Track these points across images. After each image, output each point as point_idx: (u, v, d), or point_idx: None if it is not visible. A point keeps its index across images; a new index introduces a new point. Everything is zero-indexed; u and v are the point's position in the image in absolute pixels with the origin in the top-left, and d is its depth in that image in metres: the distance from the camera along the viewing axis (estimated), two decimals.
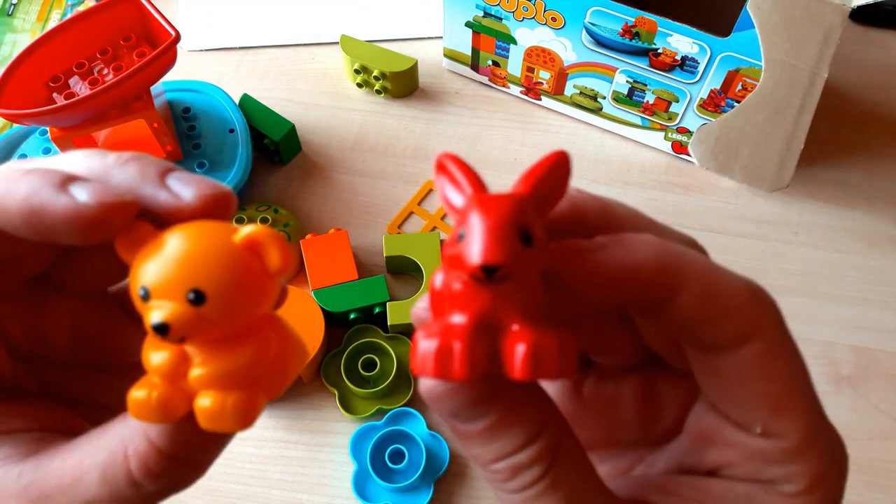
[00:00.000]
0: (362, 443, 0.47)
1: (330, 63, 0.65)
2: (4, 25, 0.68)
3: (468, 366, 0.15)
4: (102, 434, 0.18)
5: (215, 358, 0.16)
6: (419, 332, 0.16)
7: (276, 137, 0.56)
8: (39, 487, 0.17)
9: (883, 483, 0.47)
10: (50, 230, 0.16)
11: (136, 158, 0.17)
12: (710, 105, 0.54)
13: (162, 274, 0.15)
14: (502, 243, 0.14)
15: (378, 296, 0.50)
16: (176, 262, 0.15)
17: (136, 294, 0.15)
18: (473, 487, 0.46)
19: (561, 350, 0.15)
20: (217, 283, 0.15)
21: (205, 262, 0.15)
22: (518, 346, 0.15)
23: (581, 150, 0.60)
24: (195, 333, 0.15)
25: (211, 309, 0.15)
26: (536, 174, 0.16)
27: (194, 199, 0.17)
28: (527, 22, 0.56)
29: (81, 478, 0.17)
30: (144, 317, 0.15)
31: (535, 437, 0.17)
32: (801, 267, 0.55)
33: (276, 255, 0.15)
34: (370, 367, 0.49)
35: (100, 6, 0.49)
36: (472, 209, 0.15)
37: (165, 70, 0.49)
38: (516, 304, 0.15)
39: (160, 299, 0.15)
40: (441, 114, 0.62)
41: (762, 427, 0.17)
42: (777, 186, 0.55)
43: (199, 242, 0.15)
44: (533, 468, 0.17)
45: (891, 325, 0.52)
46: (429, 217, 0.57)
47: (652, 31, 0.51)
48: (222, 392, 0.16)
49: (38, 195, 0.16)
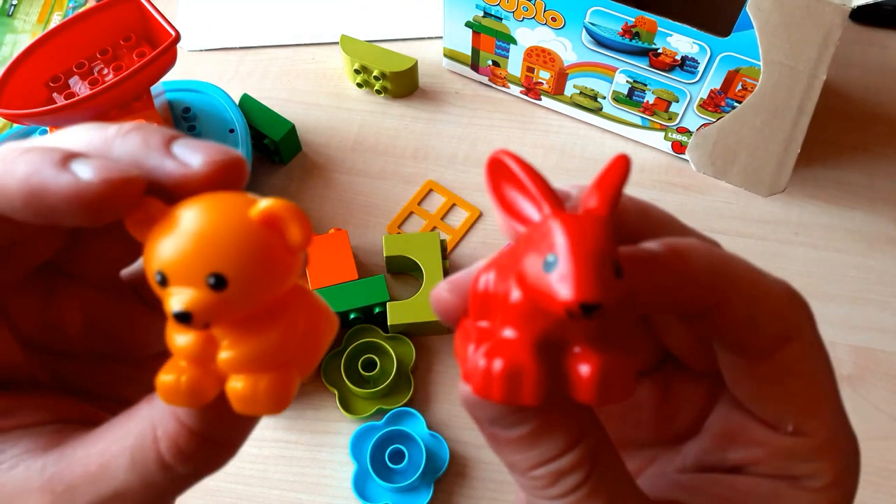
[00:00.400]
0: (362, 443, 0.47)
1: (330, 63, 0.65)
2: (5, 26, 0.68)
3: (540, 391, 0.14)
4: (128, 419, 0.17)
5: (244, 340, 0.15)
6: (470, 346, 0.15)
7: (276, 137, 0.56)
8: (64, 478, 0.17)
9: (883, 483, 0.47)
10: (53, 211, 0.15)
11: (138, 128, 0.16)
12: (710, 105, 0.54)
13: (179, 257, 0.14)
14: (602, 280, 0.13)
15: (378, 296, 0.50)
16: (193, 244, 0.14)
17: (153, 278, 0.15)
18: (473, 487, 0.46)
19: (628, 373, 0.15)
20: (238, 265, 0.14)
21: (224, 243, 0.14)
22: (585, 369, 0.15)
23: (581, 150, 0.60)
24: (219, 319, 0.14)
25: (233, 293, 0.14)
26: (612, 189, 0.15)
27: (203, 166, 0.16)
28: (527, 22, 0.56)
29: (108, 464, 0.16)
30: (164, 302, 0.15)
31: (576, 443, 0.16)
32: (801, 267, 0.55)
33: (296, 230, 0.14)
34: (370, 367, 0.49)
35: (100, 6, 0.49)
36: (561, 234, 0.14)
37: (165, 70, 0.49)
38: (584, 326, 0.15)
39: (179, 285, 0.14)
40: (441, 114, 0.62)
41: (794, 425, 0.18)
42: (774, 191, 0.55)
43: (216, 220, 0.14)
44: (574, 474, 0.16)
45: (890, 325, 0.52)
46: (429, 217, 0.57)
47: (652, 31, 0.51)
48: (254, 374, 0.15)
49: (39, 175, 0.15)
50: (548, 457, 0.17)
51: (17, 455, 0.17)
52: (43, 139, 0.17)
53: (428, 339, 0.51)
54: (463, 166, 0.59)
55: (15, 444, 0.17)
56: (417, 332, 0.51)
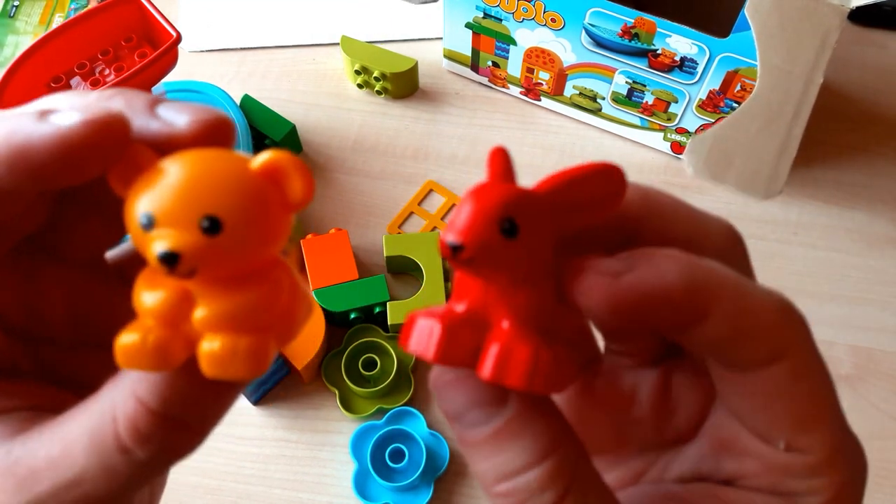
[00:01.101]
0: (363, 442, 0.47)
1: (330, 64, 0.65)
2: (6, 27, 0.68)
3: (441, 349, 0.14)
4: (91, 401, 0.16)
5: (226, 297, 0.14)
6: (422, 311, 0.16)
7: (276, 138, 0.57)
8: (27, 464, 0.16)
9: (883, 483, 0.47)
10: (38, 169, 0.14)
11: (121, 92, 0.16)
12: (709, 106, 0.54)
13: (171, 197, 0.13)
14: (472, 226, 0.14)
15: (378, 296, 0.50)
16: (188, 185, 0.13)
17: (137, 223, 0.14)
18: (473, 487, 0.46)
19: (532, 362, 0.14)
20: (236, 209, 0.13)
21: (222, 186, 0.13)
22: (492, 346, 0.15)
23: (580, 151, 0.61)
24: (207, 267, 0.13)
25: (227, 239, 0.13)
26: (560, 179, 0.16)
27: (190, 125, 0.15)
28: (526, 23, 0.56)
29: (68, 449, 0.15)
30: (146, 248, 0.13)
31: (546, 455, 0.15)
32: (801, 267, 0.55)
33: (299, 183, 0.14)
34: (370, 366, 0.49)
35: (101, 7, 0.49)
36: (466, 196, 0.15)
37: (167, 71, 0.49)
38: (508, 303, 0.15)
39: (167, 227, 0.13)
40: (441, 114, 0.62)
41: (786, 443, 0.17)
42: (770, 195, 0.55)
43: (213, 165, 0.14)
44: (544, 494, 0.15)
45: (890, 325, 0.52)
46: (429, 217, 0.57)
47: (651, 31, 0.51)
48: (233, 334, 0.14)
49: (20, 131, 0.14)
50: (514, 467, 0.15)
51: None
52: (21, 107, 0.16)
53: None
54: (463, 166, 0.59)
55: None
56: None
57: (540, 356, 0.14)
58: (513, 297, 0.15)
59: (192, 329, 0.14)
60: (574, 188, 0.15)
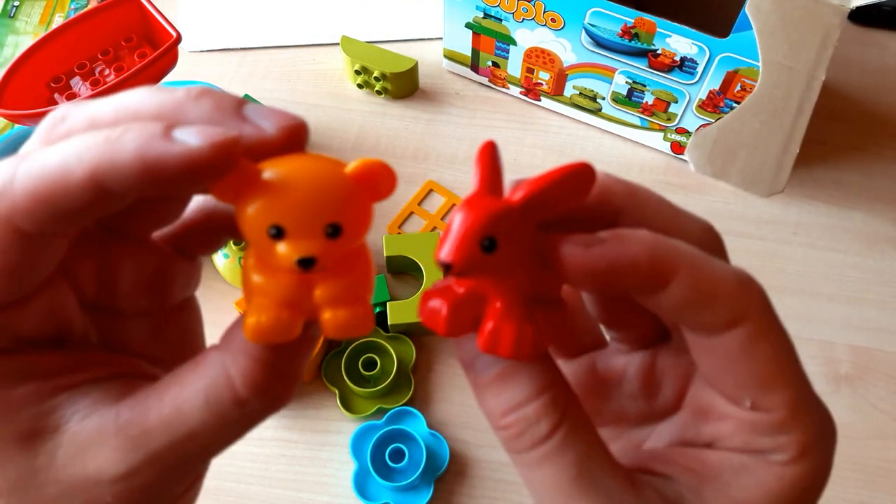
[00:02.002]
0: (363, 442, 0.47)
1: (330, 64, 0.65)
2: (6, 27, 0.68)
3: (448, 324, 0.18)
4: (195, 366, 0.18)
5: (340, 278, 0.17)
6: (432, 289, 0.19)
7: None
8: (139, 424, 0.17)
9: (882, 483, 0.47)
10: (166, 182, 0.16)
11: (208, 93, 0.17)
12: (709, 106, 0.54)
13: (297, 210, 0.16)
14: (458, 247, 0.17)
15: (378, 296, 0.50)
16: (310, 197, 0.16)
17: (262, 232, 0.16)
18: (473, 486, 0.46)
19: (517, 337, 0.18)
20: (350, 214, 0.16)
21: (337, 196, 0.16)
22: (486, 324, 0.18)
23: (580, 151, 0.61)
24: (331, 262, 0.17)
25: (345, 239, 0.16)
26: (536, 187, 0.18)
27: (278, 130, 0.17)
28: (526, 23, 0.56)
29: (182, 407, 0.17)
30: (275, 252, 0.16)
31: (542, 392, 0.18)
32: (800, 267, 0.55)
33: (386, 183, 0.17)
34: (370, 366, 0.49)
35: (101, 7, 0.49)
36: (456, 211, 0.18)
37: (167, 71, 0.49)
38: (497, 289, 0.18)
39: (298, 235, 0.16)
40: (441, 114, 0.62)
41: (751, 402, 0.19)
42: (773, 191, 0.55)
43: (323, 176, 0.16)
44: (541, 423, 0.18)
45: (889, 325, 0.53)
46: (429, 217, 0.57)
47: (651, 32, 0.51)
48: (351, 305, 0.17)
49: (152, 149, 0.15)
50: (515, 401, 0.18)
51: (88, 406, 0.18)
52: (108, 103, 0.17)
53: (428, 339, 0.51)
54: (463, 167, 0.59)
55: (86, 396, 0.18)
56: (418, 332, 0.51)
57: (524, 332, 0.18)
58: (501, 284, 0.18)
59: (309, 305, 0.17)
60: (549, 192, 0.18)
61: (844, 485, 0.47)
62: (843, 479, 0.47)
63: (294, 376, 0.19)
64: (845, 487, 0.47)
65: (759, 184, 0.56)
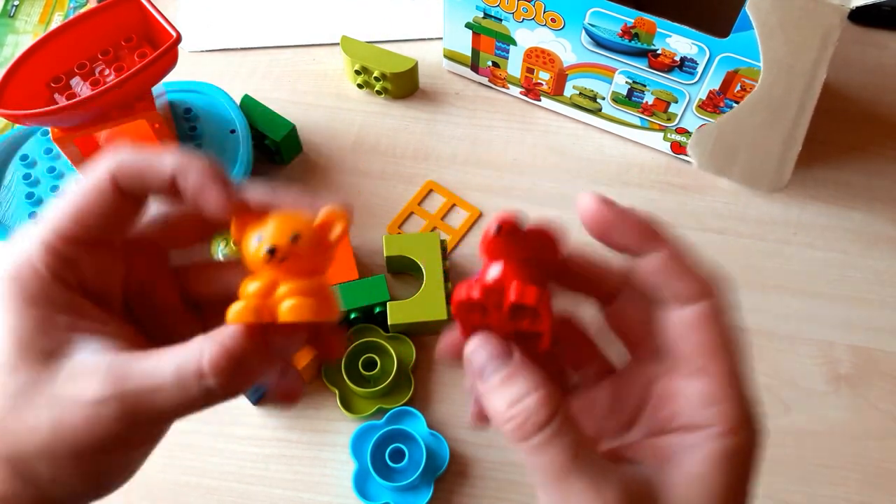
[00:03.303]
0: (363, 442, 0.47)
1: (331, 64, 0.65)
2: (6, 27, 0.68)
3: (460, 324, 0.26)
4: (181, 346, 0.23)
5: (296, 281, 0.24)
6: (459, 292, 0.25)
7: (276, 138, 0.57)
8: (122, 369, 0.23)
9: (882, 483, 0.47)
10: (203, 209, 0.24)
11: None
12: (709, 106, 0.54)
13: (277, 228, 0.24)
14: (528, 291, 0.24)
15: (378, 296, 0.50)
16: (285, 223, 0.25)
17: (252, 242, 0.24)
18: (474, 486, 0.46)
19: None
20: (306, 232, 0.24)
21: (300, 223, 0.25)
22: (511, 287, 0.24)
23: (580, 151, 0.61)
24: (288, 258, 0.24)
25: (302, 245, 0.24)
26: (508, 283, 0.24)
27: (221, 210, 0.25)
28: (526, 23, 0.56)
29: (158, 367, 0.23)
30: (257, 250, 0.24)
31: (539, 386, 0.23)
32: (800, 267, 0.55)
33: (338, 231, 0.25)
34: (370, 366, 0.49)
35: (101, 7, 0.49)
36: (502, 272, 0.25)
37: (167, 71, 0.49)
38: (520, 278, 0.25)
39: (271, 240, 0.24)
40: (441, 114, 0.62)
41: (700, 365, 0.24)
42: (776, 188, 0.55)
43: (295, 217, 0.25)
44: (539, 411, 0.23)
45: (889, 325, 0.53)
46: (429, 217, 0.57)
47: (651, 32, 0.51)
48: (299, 298, 0.24)
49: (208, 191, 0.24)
50: (518, 395, 0.23)
51: (96, 349, 0.24)
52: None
53: (428, 339, 0.51)
54: (463, 167, 0.59)
55: (97, 343, 0.24)
56: (417, 332, 0.51)
57: (543, 295, 0.24)
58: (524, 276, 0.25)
59: (273, 301, 0.24)
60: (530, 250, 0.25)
61: (844, 485, 0.47)
62: (843, 479, 0.47)
63: (250, 373, 0.23)
64: (845, 487, 0.47)
65: (761, 180, 0.56)
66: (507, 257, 0.25)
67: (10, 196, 0.53)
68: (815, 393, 0.50)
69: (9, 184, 0.53)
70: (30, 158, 0.54)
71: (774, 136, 0.52)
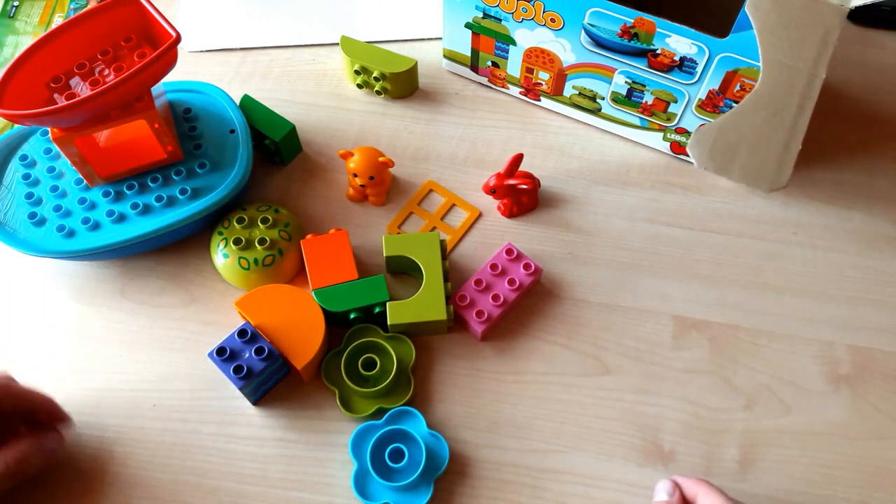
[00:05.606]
0: (362, 442, 0.47)
1: (330, 64, 0.65)
2: (6, 27, 0.68)
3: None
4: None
5: (375, 189, 0.54)
6: None
7: (276, 138, 0.57)
8: None
9: (882, 483, 0.47)
10: None
11: None
12: (709, 106, 0.54)
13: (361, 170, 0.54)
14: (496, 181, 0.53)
15: (378, 296, 0.50)
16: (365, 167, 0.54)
17: (352, 174, 0.55)
18: (473, 486, 0.46)
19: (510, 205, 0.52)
20: (378, 174, 0.54)
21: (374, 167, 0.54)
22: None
23: (580, 151, 0.61)
24: (370, 184, 0.54)
25: (377, 181, 0.53)
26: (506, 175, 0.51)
27: None
28: (526, 23, 0.56)
29: None
30: (356, 181, 0.55)
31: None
32: (800, 267, 0.55)
33: (390, 164, 0.52)
34: (370, 366, 0.49)
35: (100, 7, 0.49)
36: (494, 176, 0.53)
37: (166, 71, 0.49)
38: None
39: (362, 177, 0.54)
40: (441, 114, 0.62)
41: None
42: (775, 187, 0.55)
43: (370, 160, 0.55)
44: None
45: (889, 325, 0.53)
46: (428, 217, 0.57)
47: (651, 31, 0.51)
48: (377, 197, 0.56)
49: None
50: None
51: None
52: None
53: (428, 339, 0.51)
54: (463, 166, 0.59)
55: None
56: (417, 332, 0.51)
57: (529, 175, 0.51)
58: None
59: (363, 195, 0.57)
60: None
61: (844, 485, 0.47)
62: (843, 479, 0.47)
63: None
64: (845, 487, 0.47)
65: (761, 179, 0.56)
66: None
67: (9, 196, 0.53)
68: (815, 393, 0.50)
69: (8, 184, 0.53)
70: (29, 158, 0.54)
71: (774, 136, 0.52)
